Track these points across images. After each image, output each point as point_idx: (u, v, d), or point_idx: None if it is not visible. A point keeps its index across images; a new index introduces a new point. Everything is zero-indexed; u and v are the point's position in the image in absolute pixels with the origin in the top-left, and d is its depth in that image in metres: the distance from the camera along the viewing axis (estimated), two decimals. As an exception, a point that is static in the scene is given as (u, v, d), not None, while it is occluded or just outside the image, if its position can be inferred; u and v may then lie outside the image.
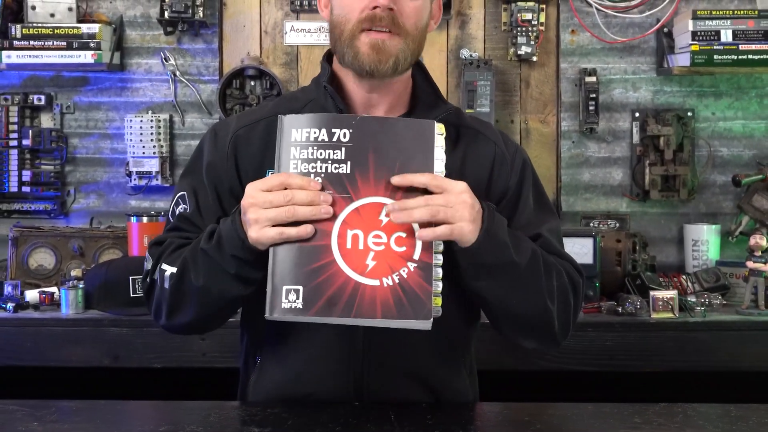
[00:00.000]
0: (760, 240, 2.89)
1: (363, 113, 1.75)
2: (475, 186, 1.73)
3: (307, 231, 1.49)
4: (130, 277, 2.87)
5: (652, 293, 2.84)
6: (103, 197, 3.48)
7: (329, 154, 1.51)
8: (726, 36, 3.16)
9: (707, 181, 3.43)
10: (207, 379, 2.70)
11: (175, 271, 1.65)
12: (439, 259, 1.54)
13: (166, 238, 1.74)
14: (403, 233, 1.52)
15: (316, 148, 1.52)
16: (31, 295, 2.93)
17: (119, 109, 3.45)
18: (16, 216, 3.44)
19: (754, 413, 1.64)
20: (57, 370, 2.79)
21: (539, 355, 2.71)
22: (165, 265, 1.67)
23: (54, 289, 2.97)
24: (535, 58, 3.37)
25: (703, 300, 2.93)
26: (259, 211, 1.50)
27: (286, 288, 1.48)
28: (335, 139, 1.52)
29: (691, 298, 2.92)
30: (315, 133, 1.52)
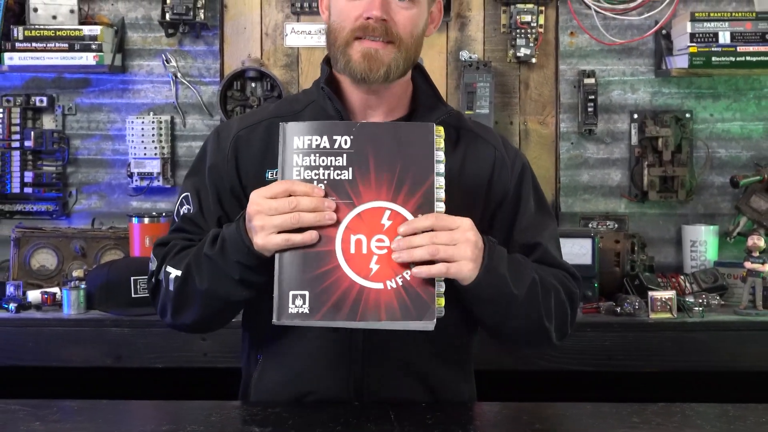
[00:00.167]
0: (758, 241, 2.90)
1: (361, 116, 1.76)
2: (474, 189, 1.76)
3: (312, 237, 1.50)
4: (132, 278, 2.88)
5: (650, 294, 2.85)
6: (105, 198, 3.47)
7: (331, 161, 1.53)
8: (724, 38, 3.17)
9: (705, 182, 3.43)
10: (208, 379, 2.71)
11: (179, 274, 1.66)
12: None
13: (170, 239, 1.76)
14: None
15: (318, 155, 1.53)
16: (33, 295, 2.94)
17: (121, 110, 3.45)
18: (18, 217, 3.43)
19: (751, 413, 1.65)
20: (59, 370, 2.80)
21: (538, 356, 2.72)
22: (170, 268, 1.69)
23: (56, 289, 2.97)
24: (534, 60, 3.37)
25: (701, 300, 2.93)
26: (265, 218, 1.51)
27: (292, 293, 1.50)
28: (336, 146, 1.54)
29: (690, 299, 2.93)
30: (317, 140, 1.54)
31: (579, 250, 2.94)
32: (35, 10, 3.30)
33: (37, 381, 2.83)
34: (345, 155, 1.54)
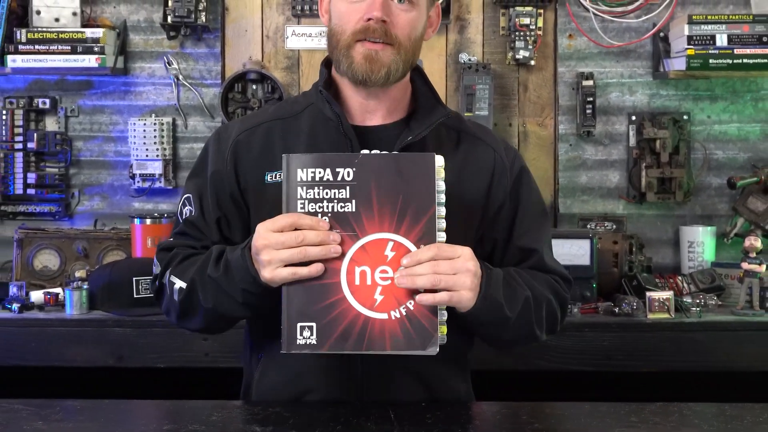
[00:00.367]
0: (755, 242, 2.90)
1: (360, 118, 1.78)
2: (474, 193, 1.78)
3: (318, 270, 1.54)
4: (134, 278, 2.89)
5: (648, 294, 2.85)
6: (107, 199, 3.47)
7: (335, 193, 1.56)
8: (721, 40, 3.16)
9: (703, 184, 3.43)
10: (210, 379, 2.71)
11: (183, 286, 1.70)
12: None
13: (173, 245, 1.80)
14: None
15: (322, 188, 1.56)
16: (36, 295, 2.94)
17: (123, 112, 3.45)
18: (21, 218, 3.43)
19: (749, 412, 1.66)
20: (61, 370, 2.80)
21: (537, 356, 2.72)
22: (174, 277, 1.73)
23: (58, 289, 2.98)
24: (533, 62, 3.37)
25: (698, 301, 2.94)
26: (273, 253, 1.54)
27: (300, 325, 1.55)
28: (339, 178, 1.57)
29: (687, 299, 2.93)
30: (320, 173, 1.57)
31: (577, 251, 2.95)
32: (38, 13, 3.29)
33: (40, 381, 2.84)
34: (348, 187, 1.57)
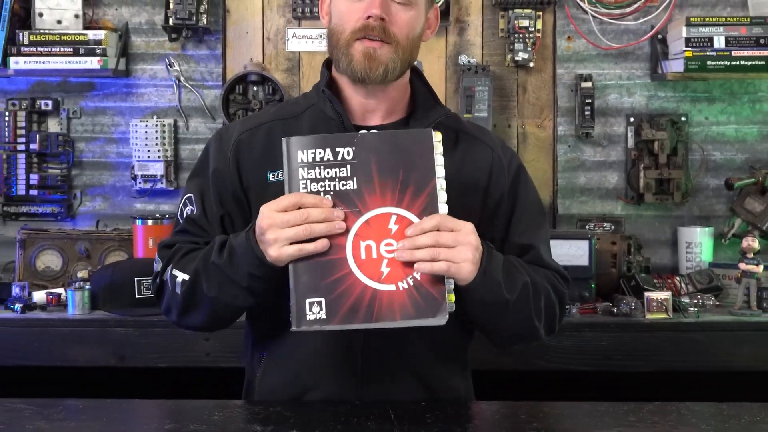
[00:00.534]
0: (752, 242, 2.91)
1: (360, 119, 1.80)
2: (472, 191, 1.79)
3: (324, 245, 1.55)
4: (136, 279, 2.90)
5: (646, 294, 2.85)
6: (109, 200, 3.47)
7: (336, 172, 1.58)
8: (719, 42, 3.16)
9: (701, 185, 3.43)
10: (211, 379, 2.72)
11: (187, 278, 1.70)
12: None
13: (175, 241, 1.80)
14: None
15: (323, 167, 1.58)
16: (39, 296, 2.94)
17: (125, 113, 3.45)
18: (23, 219, 3.43)
19: (746, 412, 1.67)
20: (64, 370, 2.80)
21: (537, 356, 2.73)
22: (176, 271, 1.73)
23: (61, 290, 2.98)
24: (532, 64, 3.38)
25: (696, 301, 2.94)
26: (278, 231, 1.55)
27: (309, 301, 1.55)
28: (340, 157, 1.58)
29: (685, 299, 2.93)
30: (320, 153, 1.58)
31: (576, 252, 2.96)
32: (40, 15, 3.30)
33: (42, 380, 2.84)
34: (349, 166, 1.58)
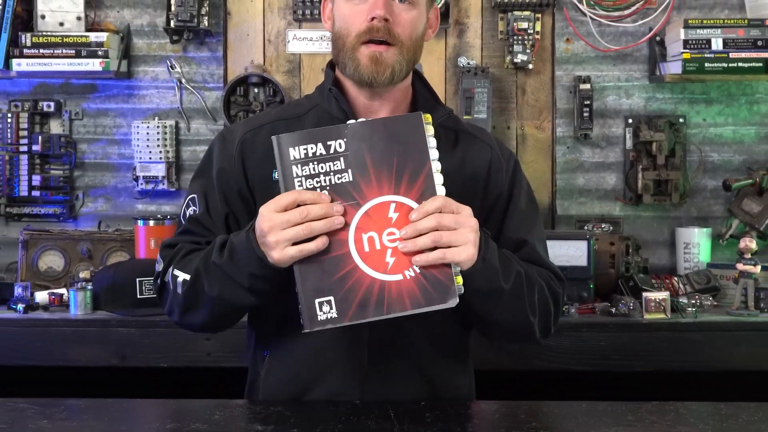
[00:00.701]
0: (750, 243, 2.91)
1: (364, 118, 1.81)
2: (472, 188, 1.81)
3: (324, 242, 1.53)
4: (137, 279, 2.90)
5: (644, 294, 2.86)
6: (111, 201, 3.48)
7: (330, 166, 1.56)
8: (716, 44, 3.18)
9: (698, 186, 3.44)
10: (212, 379, 2.73)
11: (188, 278, 1.70)
12: None
13: (177, 242, 1.80)
14: None
15: (316, 162, 1.56)
16: (41, 296, 2.95)
17: (126, 115, 3.45)
18: (26, 219, 3.44)
19: (743, 411, 1.67)
20: (66, 370, 2.81)
21: (536, 355, 2.73)
22: (177, 271, 1.73)
23: (63, 290, 2.98)
24: (531, 66, 3.38)
25: (694, 301, 2.94)
26: (279, 233, 1.54)
27: (318, 301, 1.54)
28: (332, 150, 1.56)
29: (683, 300, 2.94)
30: (312, 148, 1.56)
31: (575, 252, 2.97)
32: (43, 17, 3.30)
33: (45, 380, 2.85)
34: (342, 158, 1.56)
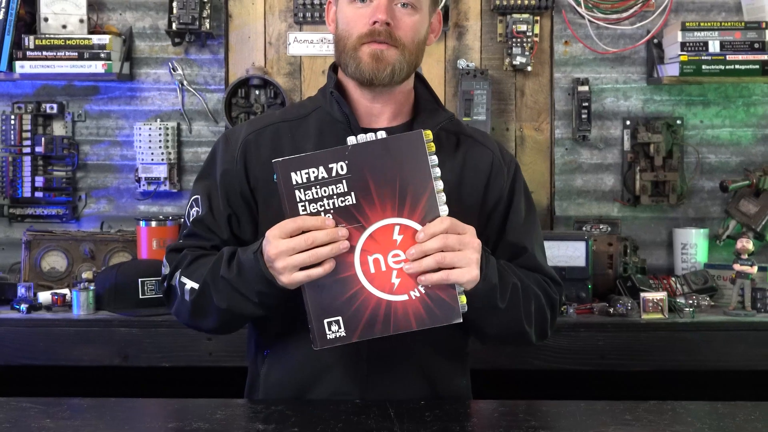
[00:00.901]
0: (747, 243, 2.92)
1: (366, 121, 1.82)
2: (473, 192, 1.82)
3: (331, 266, 1.56)
4: (139, 280, 2.91)
5: (642, 295, 2.87)
6: (113, 202, 3.49)
7: (332, 189, 1.56)
8: (714, 47, 3.19)
9: (696, 187, 3.45)
10: (213, 378, 2.74)
11: (196, 287, 1.73)
12: None
13: (182, 246, 1.83)
14: None
15: (318, 186, 1.56)
16: (44, 296, 2.96)
17: (129, 117, 3.45)
18: (29, 220, 3.44)
19: (740, 410, 1.68)
20: (68, 369, 2.82)
21: (534, 355, 2.74)
22: (184, 278, 1.76)
23: (66, 290, 2.99)
24: (529, 68, 3.39)
25: (691, 301, 2.95)
26: (286, 259, 1.56)
27: (327, 321, 1.58)
28: (334, 173, 1.56)
29: (680, 300, 2.95)
30: (314, 172, 1.56)
31: (573, 253, 2.98)
32: (46, 20, 3.31)
33: (48, 380, 2.87)
34: (344, 181, 1.56)
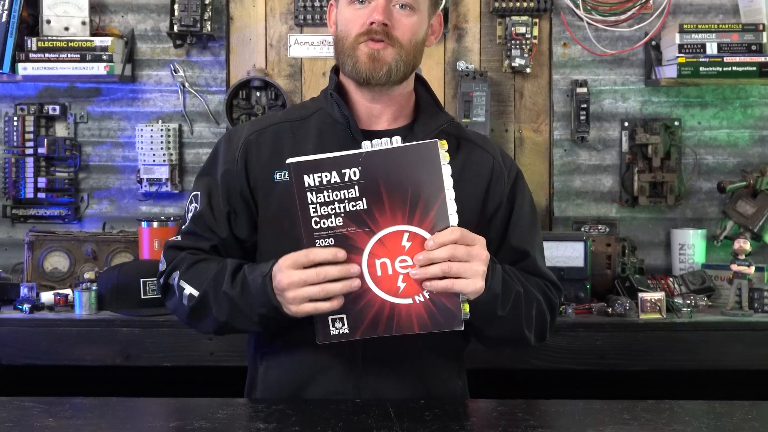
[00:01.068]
0: (744, 244, 2.93)
1: (366, 123, 1.84)
2: (473, 196, 1.83)
3: (339, 303, 1.59)
4: (141, 280, 2.93)
5: (640, 295, 2.88)
6: (115, 203, 3.49)
7: (344, 194, 1.56)
8: (711, 49, 3.20)
9: (693, 188, 3.46)
10: (215, 378, 2.75)
11: (195, 294, 1.75)
12: None
13: (181, 244, 1.84)
14: None
15: (330, 190, 1.56)
16: (46, 296, 2.97)
17: (130, 118, 3.46)
18: (32, 221, 3.45)
19: (738, 410, 1.69)
20: (71, 369, 2.83)
21: (533, 355, 2.75)
22: (183, 283, 1.77)
23: (68, 291, 3.00)
24: (528, 70, 3.39)
25: (689, 301, 2.96)
26: (297, 291, 1.60)
27: (331, 318, 1.61)
28: (347, 178, 1.56)
29: (678, 300, 2.96)
30: (327, 176, 1.56)
31: (572, 253, 2.99)
32: (48, 22, 3.31)
33: (50, 379, 2.87)
34: (357, 186, 1.56)
